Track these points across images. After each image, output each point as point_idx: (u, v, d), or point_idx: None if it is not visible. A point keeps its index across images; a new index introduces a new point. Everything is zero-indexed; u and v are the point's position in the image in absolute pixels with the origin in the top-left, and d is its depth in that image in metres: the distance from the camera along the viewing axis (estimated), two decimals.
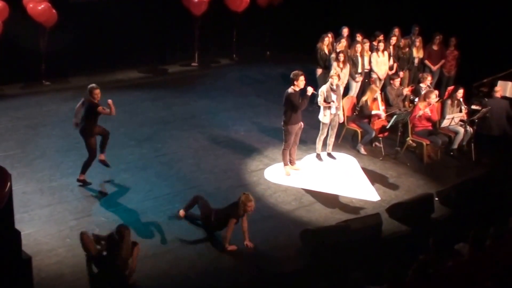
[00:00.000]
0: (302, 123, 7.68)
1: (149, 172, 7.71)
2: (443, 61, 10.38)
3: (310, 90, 7.38)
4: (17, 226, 5.68)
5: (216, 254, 6.16)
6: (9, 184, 5.10)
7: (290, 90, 7.47)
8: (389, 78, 9.52)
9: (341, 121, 8.34)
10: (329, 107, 7.94)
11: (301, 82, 7.37)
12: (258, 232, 6.55)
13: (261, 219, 6.82)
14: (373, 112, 8.53)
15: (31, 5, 10.14)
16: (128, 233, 5.57)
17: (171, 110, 9.90)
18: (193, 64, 12.56)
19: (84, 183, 7.23)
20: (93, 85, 7.04)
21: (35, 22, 10.23)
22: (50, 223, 6.46)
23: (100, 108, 6.95)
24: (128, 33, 11.61)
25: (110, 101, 7.01)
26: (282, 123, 7.64)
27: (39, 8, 10.14)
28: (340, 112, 8.22)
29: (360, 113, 8.70)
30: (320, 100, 7.96)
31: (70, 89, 10.73)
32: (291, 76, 7.47)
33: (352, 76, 9.70)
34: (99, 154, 7.27)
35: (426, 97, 8.45)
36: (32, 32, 10.38)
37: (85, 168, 7.20)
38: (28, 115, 9.42)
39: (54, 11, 10.29)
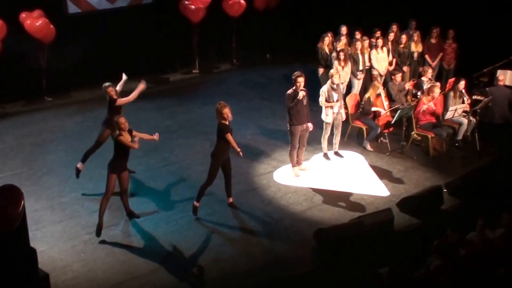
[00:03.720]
0: (310, 125, 7.68)
1: (158, 182, 7.73)
2: (441, 54, 10.41)
3: (301, 95, 7.39)
4: (31, 244, 5.72)
5: (232, 258, 6.19)
6: (22, 203, 5.13)
7: (289, 90, 7.52)
8: (390, 74, 9.56)
9: (344, 119, 8.37)
10: (332, 107, 7.97)
11: (297, 83, 7.40)
12: (271, 234, 6.61)
13: (273, 221, 6.87)
14: (373, 109, 8.56)
15: (28, 22, 10.17)
16: None
17: (176, 118, 9.92)
18: (194, 71, 12.59)
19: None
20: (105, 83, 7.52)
21: (33, 39, 10.26)
22: (63, 239, 6.49)
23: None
24: (128, 44, 11.65)
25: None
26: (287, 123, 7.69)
27: (37, 24, 10.17)
28: (342, 110, 8.24)
29: (363, 110, 8.74)
30: (321, 100, 7.99)
31: (73, 103, 10.77)
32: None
33: (353, 73, 9.74)
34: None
35: (430, 91, 8.50)
36: (31, 48, 10.42)
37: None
38: (32, 132, 9.44)
39: (51, 26, 10.31)
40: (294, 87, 7.45)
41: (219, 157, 6.74)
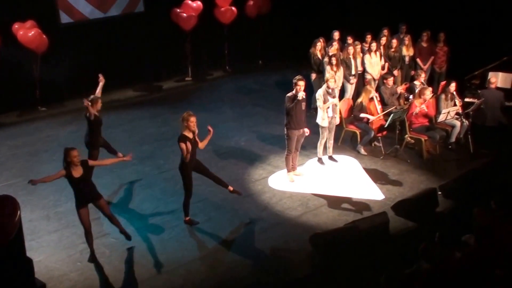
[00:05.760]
0: (306, 130, 7.71)
1: (154, 190, 7.75)
2: (432, 57, 10.50)
3: (300, 96, 7.42)
4: (27, 254, 5.72)
5: (228, 265, 6.20)
6: (18, 213, 5.14)
7: (289, 93, 7.57)
8: (382, 78, 9.64)
9: (337, 123, 8.41)
10: (327, 108, 8.01)
11: (297, 86, 7.45)
12: (267, 240, 6.61)
13: (269, 226, 6.88)
14: (362, 115, 8.61)
15: (21, 33, 10.18)
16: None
17: (170, 125, 9.92)
18: (187, 78, 12.64)
19: None
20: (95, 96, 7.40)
21: (26, 49, 10.27)
22: (59, 249, 6.48)
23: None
24: (120, 52, 11.67)
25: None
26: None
27: (30, 34, 10.18)
28: (337, 115, 8.30)
29: (355, 115, 8.81)
30: (319, 104, 8.03)
31: (67, 113, 10.77)
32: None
33: (346, 78, 9.81)
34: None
35: (421, 94, 8.57)
36: (24, 59, 10.42)
37: None
38: (27, 142, 9.43)
39: (44, 36, 10.33)
40: (294, 91, 7.49)
41: (186, 168, 6.71)
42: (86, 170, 6.02)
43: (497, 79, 9.31)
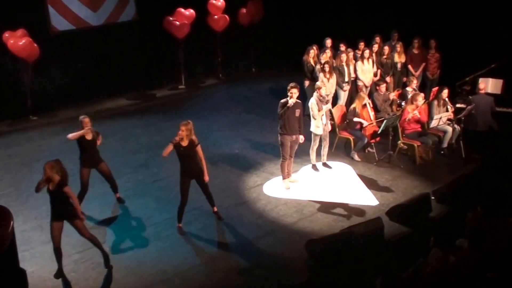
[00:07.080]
0: (300, 137, 7.73)
1: (148, 198, 7.72)
2: (424, 64, 10.59)
3: (291, 102, 7.45)
4: (20, 265, 5.67)
5: (224, 274, 6.17)
6: (12, 224, 5.10)
7: (282, 99, 7.59)
8: (375, 85, 9.71)
9: (330, 129, 8.44)
10: (322, 115, 8.03)
11: (290, 93, 7.48)
12: (263, 247, 6.60)
13: (265, 234, 6.87)
14: (355, 119, 8.65)
15: (11, 41, 10.14)
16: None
17: (163, 134, 9.89)
18: (180, 86, 12.66)
19: None
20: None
21: (17, 58, 10.22)
22: (53, 259, 6.34)
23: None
24: (113, 61, 11.66)
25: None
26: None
27: (20, 43, 10.14)
28: (328, 121, 8.32)
29: (349, 121, 8.84)
30: (314, 113, 8.03)
31: (59, 122, 10.71)
32: None
33: (339, 85, 9.86)
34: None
35: (413, 100, 8.64)
36: (15, 68, 10.38)
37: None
38: (19, 152, 9.37)
39: (35, 45, 10.29)
40: (288, 97, 7.52)
41: (182, 174, 6.79)
42: (59, 188, 5.84)
43: (487, 84, 9.42)
